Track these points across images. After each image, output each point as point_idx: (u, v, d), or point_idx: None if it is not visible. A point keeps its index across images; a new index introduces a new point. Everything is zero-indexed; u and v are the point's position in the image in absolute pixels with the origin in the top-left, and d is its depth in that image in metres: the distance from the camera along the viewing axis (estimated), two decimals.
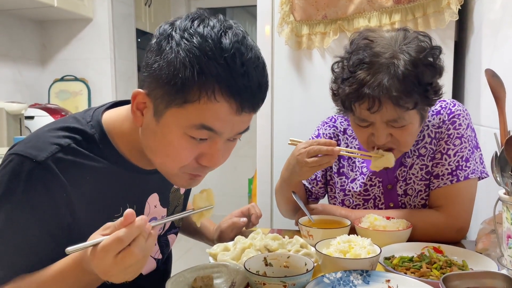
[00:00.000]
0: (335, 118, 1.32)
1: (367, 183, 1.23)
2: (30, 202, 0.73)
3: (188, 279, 0.81)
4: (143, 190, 0.90)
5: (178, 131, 0.73)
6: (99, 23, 3.08)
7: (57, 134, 0.78)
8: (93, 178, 0.79)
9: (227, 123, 0.73)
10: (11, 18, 2.88)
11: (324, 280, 0.77)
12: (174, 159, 0.76)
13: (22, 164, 0.73)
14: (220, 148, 0.76)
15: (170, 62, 0.69)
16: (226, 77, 0.68)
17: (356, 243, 0.85)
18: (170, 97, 0.71)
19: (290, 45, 1.82)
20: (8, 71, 2.89)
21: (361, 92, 1.00)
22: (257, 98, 0.74)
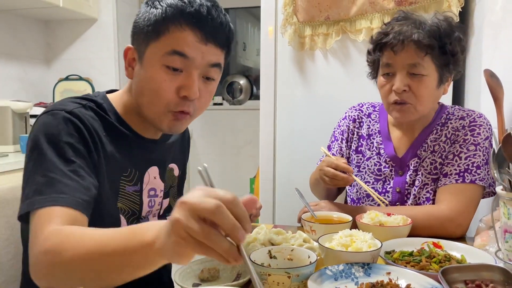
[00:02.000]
0: (362, 104, 1.44)
1: (382, 164, 1.31)
2: (68, 137, 0.82)
3: (195, 270, 0.84)
4: (145, 159, 0.99)
5: (157, 64, 0.86)
6: (104, 23, 3.11)
7: (75, 100, 0.91)
8: (108, 135, 0.90)
9: (196, 50, 0.85)
10: (17, 18, 2.91)
11: (326, 272, 0.80)
12: (156, 92, 0.87)
13: (55, 115, 0.84)
14: (195, 78, 0.87)
15: (146, 12, 0.88)
16: (189, 11, 0.84)
17: (358, 237, 0.88)
18: (147, 35, 0.87)
19: (293, 46, 1.85)
20: (14, 70, 2.92)
21: (389, 35, 1.19)
22: (220, 33, 0.88)
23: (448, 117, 1.27)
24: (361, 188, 1.32)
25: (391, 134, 1.33)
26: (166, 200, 1.07)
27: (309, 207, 1.15)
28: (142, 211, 0.99)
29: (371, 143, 1.35)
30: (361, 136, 1.38)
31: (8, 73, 2.87)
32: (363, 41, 1.77)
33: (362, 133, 1.38)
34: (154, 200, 1.02)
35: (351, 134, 1.39)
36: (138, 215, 0.99)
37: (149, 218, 1.02)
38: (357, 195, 1.34)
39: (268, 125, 1.97)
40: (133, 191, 0.96)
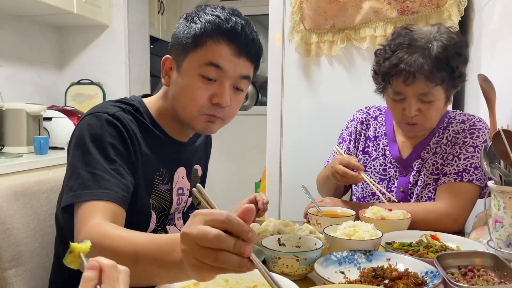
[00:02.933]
0: (370, 107, 1.51)
1: (387, 164, 1.38)
2: (111, 139, 0.91)
3: None
4: (175, 159, 1.07)
5: (194, 73, 0.95)
6: (115, 29, 3.21)
7: (115, 103, 0.99)
8: (144, 137, 0.99)
9: (229, 63, 0.94)
10: (32, 24, 3.01)
11: (331, 258, 0.87)
12: (192, 99, 0.96)
13: (99, 117, 0.92)
14: (227, 88, 0.95)
15: (186, 26, 0.97)
16: (226, 28, 0.94)
17: (360, 227, 0.95)
18: (186, 47, 0.95)
19: (300, 53, 1.93)
20: (28, 74, 3.02)
21: (399, 67, 1.21)
22: (251, 48, 0.97)
23: (450, 121, 1.35)
24: (366, 187, 1.39)
25: (396, 136, 1.40)
26: (190, 199, 1.15)
27: (315, 202, 1.22)
28: (171, 208, 1.08)
29: (377, 145, 1.42)
30: (368, 138, 1.45)
31: (23, 77, 2.97)
32: (367, 48, 1.85)
33: (369, 134, 1.45)
34: (182, 198, 1.10)
35: (358, 135, 1.46)
36: (167, 211, 1.07)
37: (175, 215, 1.11)
38: (363, 193, 1.41)
39: (275, 129, 2.05)
40: (165, 189, 1.04)
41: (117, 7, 3.19)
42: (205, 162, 1.24)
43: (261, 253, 0.91)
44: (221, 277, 0.78)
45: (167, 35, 4.09)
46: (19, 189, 1.08)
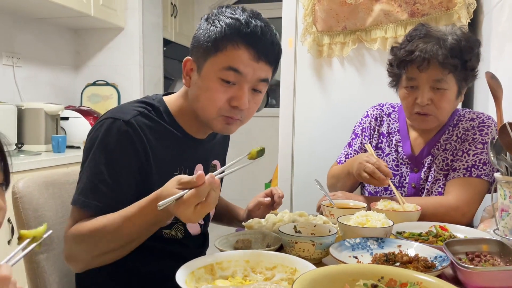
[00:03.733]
0: (383, 104, 1.56)
1: (399, 161, 1.42)
2: (121, 151, 0.95)
3: (231, 241, 0.97)
4: (193, 157, 1.11)
5: (214, 77, 0.98)
6: (130, 32, 3.29)
7: (135, 105, 1.03)
8: (160, 139, 1.02)
9: (248, 67, 0.97)
10: (50, 27, 3.11)
11: (345, 243, 0.92)
12: (211, 101, 0.99)
13: (113, 123, 0.96)
14: (245, 91, 0.98)
15: (206, 29, 0.99)
16: (245, 32, 0.95)
17: (372, 217, 1.00)
18: (207, 51, 0.98)
19: (312, 54, 1.99)
20: (46, 75, 3.11)
21: (414, 54, 1.27)
22: (271, 52, 0.99)
23: (460, 118, 1.39)
24: None
25: (409, 133, 1.45)
26: None
27: (328, 195, 1.27)
28: None
29: (390, 141, 1.47)
30: (381, 134, 1.50)
31: (41, 78, 3.06)
32: (377, 49, 1.90)
33: (382, 130, 1.50)
34: None
35: (372, 131, 1.51)
36: None
37: None
38: (375, 188, 1.46)
39: (287, 127, 2.10)
40: None
41: (132, 10, 3.27)
42: (223, 156, 1.29)
43: (278, 239, 0.96)
44: (242, 259, 0.83)
45: (180, 38, 4.17)
46: (49, 179, 1.14)
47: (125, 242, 0.92)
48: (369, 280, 0.67)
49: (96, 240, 0.91)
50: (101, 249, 0.92)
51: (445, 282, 0.65)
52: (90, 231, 0.91)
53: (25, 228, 1.02)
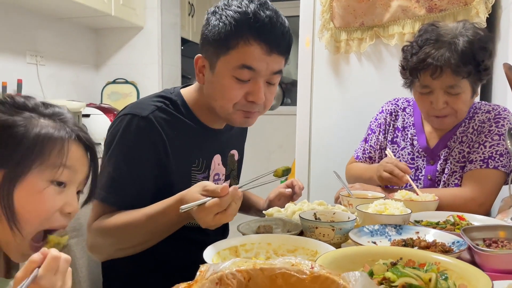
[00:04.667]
0: (398, 99, 1.57)
1: (415, 154, 1.44)
2: (139, 146, 0.99)
3: (253, 227, 1.00)
4: (211, 148, 1.14)
5: (228, 75, 0.99)
6: (149, 31, 3.35)
7: (153, 99, 1.06)
8: (178, 132, 1.05)
9: (262, 62, 0.97)
10: (72, 26, 3.19)
11: (364, 230, 0.94)
12: (227, 99, 1.01)
13: (132, 119, 0.99)
14: (261, 85, 0.99)
15: (215, 26, 0.98)
16: (255, 27, 0.95)
17: (390, 205, 1.02)
18: (218, 49, 0.98)
19: (329, 50, 2.01)
20: (67, 74, 3.19)
21: (426, 62, 1.27)
22: (282, 43, 0.99)
23: (475, 111, 1.40)
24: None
25: (424, 127, 1.47)
26: (227, 182, 1.23)
27: (346, 186, 1.29)
28: None
29: (406, 135, 1.49)
30: (396, 128, 1.52)
31: (63, 76, 3.14)
32: (395, 45, 1.91)
33: (397, 125, 1.52)
34: (218, 183, 1.18)
35: (387, 126, 1.53)
36: None
37: None
38: None
39: (304, 124, 2.13)
40: (202, 178, 1.12)
41: (151, 9, 3.33)
42: (241, 146, 1.31)
43: (298, 225, 0.99)
44: (265, 242, 0.86)
45: (197, 37, 4.20)
46: None
47: (147, 239, 0.97)
48: (388, 260, 0.69)
49: (119, 236, 0.96)
50: (123, 244, 0.97)
51: (462, 262, 0.68)
52: (114, 227, 0.95)
53: None
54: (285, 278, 0.59)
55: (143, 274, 1.11)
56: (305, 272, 0.58)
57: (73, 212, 0.72)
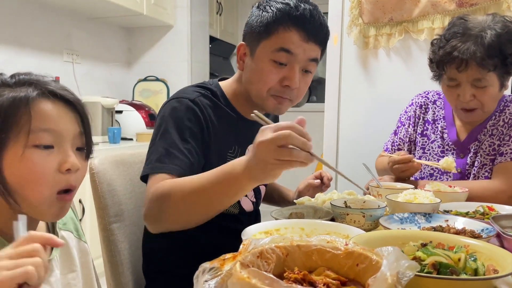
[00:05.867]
0: (428, 91, 1.59)
1: (445, 147, 1.46)
2: (189, 122, 1.04)
3: (285, 214, 1.05)
4: (246, 137, 1.18)
5: (266, 58, 1.06)
6: (179, 29, 3.44)
7: (196, 88, 1.13)
8: (219, 118, 1.11)
9: (299, 47, 1.04)
10: (105, 26, 3.30)
11: (394, 217, 0.97)
12: (264, 82, 1.07)
13: (180, 102, 1.06)
14: (296, 71, 1.05)
15: (259, 15, 1.07)
16: (295, 15, 1.03)
17: (420, 194, 1.05)
18: (260, 35, 1.06)
19: (358, 45, 2.04)
20: (101, 71, 3.31)
21: (452, 55, 1.29)
22: (319, 32, 1.06)
23: (506, 104, 1.41)
24: (425, 168, 1.47)
25: (455, 120, 1.48)
26: None
27: (375, 178, 1.32)
28: None
29: (436, 128, 1.50)
30: (426, 121, 1.54)
31: (97, 74, 3.26)
32: (424, 40, 1.92)
33: (427, 118, 1.53)
34: None
35: (417, 119, 1.55)
36: None
37: None
38: (420, 174, 1.49)
39: (332, 120, 2.15)
40: None
41: (181, 8, 3.41)
42: None
43: (329, 213, 1.03)
44: (298, 226, 0.91)
45: (224, 35, 4.29)
46: (119, 158, 1.26)
47: (208, 207, 0.93)
48: (418, 241, 0.72)
49: (182, 197, 0.91)
50: (184, 209, 0.93)
51: (491, 245, 0.70)
52: (177, 187, 0.92)
53: (101, 201, 1.14)
54: (320, 254, 0.63)
55: (179, 258, 1.17)
56: (339, 248, 0.62)
57: (73, 168, 0.71)
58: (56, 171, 0.70)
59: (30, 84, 0.71)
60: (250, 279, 0.50)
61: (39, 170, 0.68)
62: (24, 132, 0.67)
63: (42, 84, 0.71)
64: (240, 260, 0.57)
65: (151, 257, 1.19)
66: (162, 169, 0.99)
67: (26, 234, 0.55)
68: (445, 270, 0.62)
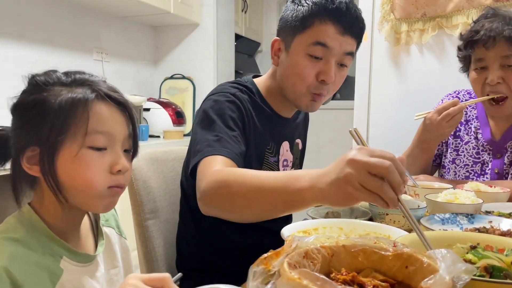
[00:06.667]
0: (459, 91, 1.55)
1: (479, 148, 1.42)
2: (232, 113, 1.04)
3: (321, 213, 1.03)
4: (281, 134, 1.19)
5: (301, 53, 1.04)
6: (205, 27, 3.45)
7: (233, 85, 1.13)
8: (256, 114, 1.11)
9: (335, 41, 1.03)
10: (133, 24, 3.34)
11: (435, 217, 0.95)
12: (300, 77, 1.06)
13: (221, 96, 1.07)
14: (332, 65, 1.04)
15: (294, 9, 1.06)
16: (331, 8, 1.01)
17: (461, 194, 1.02)
18: (295, 29, 1.05)
19: (389, 41, 2.00)
20: (129, 70, 3.35)
21: (479, 33, 1.30)
22: (355, 25, 1.05)
23: None
24: (459, 170, 1.43)
25: (489, 119, 1.43)
26: (292, 169, 1.27)
27: (411, 177, 1.29)
28: None
29: (469, 128, 1.46)
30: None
31: (125, 72, 3.30)
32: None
33: None
34: (286, 169, 1.23)
35: None
36: None
37: None
38: (455, 177, 1.45)
39: (362, 118, 2.12)
40: (273, 161, 1.18)
41: (207, 6, 3.42)
42: (304, 136, 1.36)
43: (366, 213, 1.01)
44: (336, 226, 0.89)
45: (249, 33, 4.29)
46: (153, 156, 1.28)
47: (263, 208, 0.83)
48: (467, 244, 0.70)
49: (241, 190, 0.83)
50: (240, 203, 0.85)
51: None
52: (238, 178, 0.84)
53: (137, 197, 1.15)
54: (366, 255, 0.62)
55: (211, 256, 1.18)
56: (387, 249, 0.60)
57: (123, 170, 0.72)
58: (107, 172, 0.71)
59: (86, 85, 0.71)
60: (301, 280, 0.50)
61: (92, 171, 0.69)
62: (81, 133, 0.69)
63: (96, 85, 0.72)
64: (287, 260, 0.56)
65: (185, 254, 1.20)
66: (214, 151, 0.94)
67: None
68: (498, 274, 0.60)
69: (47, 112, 0.68)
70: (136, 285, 0.55)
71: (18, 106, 0.71)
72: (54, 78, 0.71)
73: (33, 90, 0.70)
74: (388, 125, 2.07)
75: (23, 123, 0.70)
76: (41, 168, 0.69)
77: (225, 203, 0.88)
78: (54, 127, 0.68)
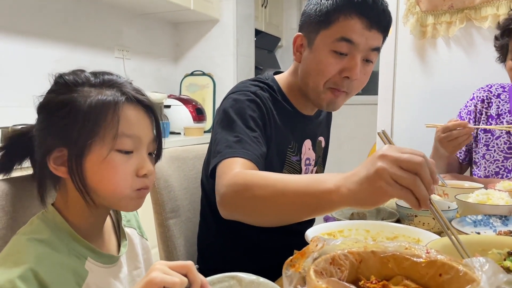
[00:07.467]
0: (491, 85, 1.49)
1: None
2: (253, 113, 1.01)
3: (346, 214, 1.01)
4: (302, 132, 1.16)
5: (325, 49, 1.00)
6: (225, 23, 3.43)
7: (253, 82, 1.10)
8: (278, 112, 1.08)
9: (361, 36, 0.97)
10: (153, 21, 3.35)
11: (466, 219, 0.91)
12: (322, 73, 1.01)
13: (242, 94, 1.04)
14: (358, 61, 0.99)
15: (317, 3, 1.01)
16: (357, 1, 0.96)
17: (494, 195, 0.97)
18: (319, 24, 1.00)
19: (415, 35, 1.93)
20: (149, 67, 3.36)
21: None
22: (382, 19, 0.99)
23: None
24: (489, 166, 1.38)
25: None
26: (315, 168, 1.25)
27: (439, 176, 1.25)
28: None
29: (501, 123, 1.41)
30: (489, 116, 1.44)
31: (146, 69, 3.31)
32: (488, 28, 1.79)
33: (491, 113, 1.43)
34: (309, 168, 1.20)
35: (479, 114, 1.46)
36: None
37: None
38: (485, 172, 1.40)
39: (386, 113, 2.07)
40: (295, 160, 1.15)
41: (226, 2, 3.40)
42: (327, 134, 1.33)
43: (393, 214, 0.98)
44: (362, 228, 0.86)
45: (269, 28, 4.24)
46: (173, 154, 1.26)
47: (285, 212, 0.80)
48: (504, 249, 0.66)
49: (262, 194, 0.80)
50: (261, 207, 0.82)
51: None
52: (260, 181, 0.81)
53: (158, 197, 1.14)
54: (397, 262, 0.58)
55: (233, 256, 1.16)
56: (420, 255, 0.57)
57: (149, 173, 0.72)
58: (133, 175, 0.71)
59: (115, 87, 0.71)
60: None
61: (120, 175, 0.69)
62: (110, 136, 0.68)
63: (124, 87, 0.71)
64: (314, 268, 0.53)
65: (205, 253, 1.19)
66: (234, 153, 0.91)
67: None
68: None
69: (77, 114, 0.67)
70: (163, 269, 0.56)
71: (45, 106, 0.70)
72: (83, 78, 0.70)
73: (61, 89, 0.69)
74: (414, 121, 2.01)
75: (50, 123, 0.69)
76: (68, 170, 0.68)
77: (246, 206, 0.85)
78: (84, 129, 0.67)
